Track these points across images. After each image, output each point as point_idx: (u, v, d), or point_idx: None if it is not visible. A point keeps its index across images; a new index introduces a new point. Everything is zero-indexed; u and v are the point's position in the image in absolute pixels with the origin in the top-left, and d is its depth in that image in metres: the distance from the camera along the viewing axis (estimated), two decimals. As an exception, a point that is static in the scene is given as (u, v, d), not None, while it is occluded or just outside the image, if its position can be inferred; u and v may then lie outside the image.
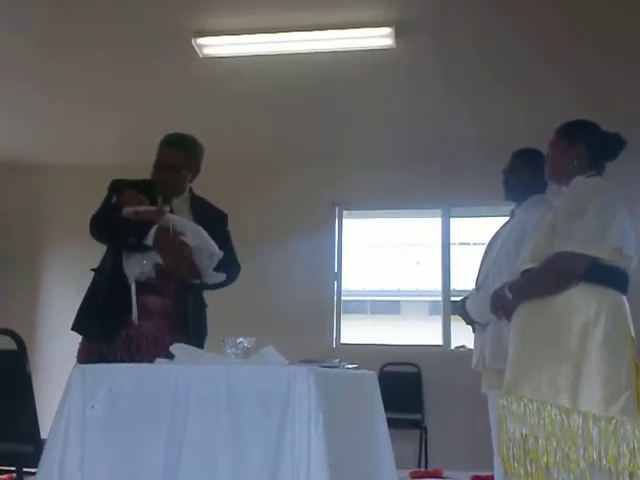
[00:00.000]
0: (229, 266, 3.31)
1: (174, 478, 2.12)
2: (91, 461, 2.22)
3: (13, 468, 3.14)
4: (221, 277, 3.24)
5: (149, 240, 3.07)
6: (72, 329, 3.22)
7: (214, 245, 3.17)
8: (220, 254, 3.19)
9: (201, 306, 3.38)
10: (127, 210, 3.12)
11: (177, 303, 3.23)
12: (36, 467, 2.33)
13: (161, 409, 2.20)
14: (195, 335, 3.21)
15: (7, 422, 3.01)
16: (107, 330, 3.11)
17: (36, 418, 2.94)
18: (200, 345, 3.12)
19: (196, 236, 3.15)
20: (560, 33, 4.48)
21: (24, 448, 2.96)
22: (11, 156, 6.93)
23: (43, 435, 2.66)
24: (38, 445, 2.77)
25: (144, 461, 2.18)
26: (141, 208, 3.13)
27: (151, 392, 2.25)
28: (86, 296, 3.27)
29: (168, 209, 3.20)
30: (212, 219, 3.38)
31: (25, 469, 3.05)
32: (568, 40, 4.57)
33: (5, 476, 4.55)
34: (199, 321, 3.33)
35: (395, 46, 4.59)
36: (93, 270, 3.31)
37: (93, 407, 2.26)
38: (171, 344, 2.57)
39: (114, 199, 3.23)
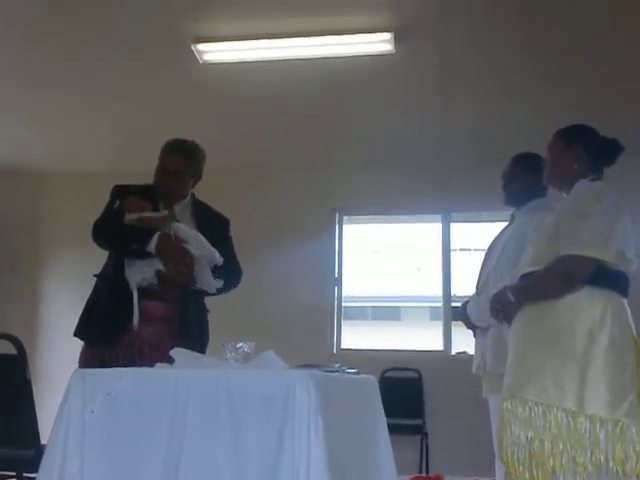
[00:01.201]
0: (231, 271, 3.31)
1: (174, 481, 2.11)
2: (91, 466, 2.21)
3: (13, 473, 3.13)
4: (219, 283, 3.24)
5: (151, 247, 3.07)
6: (74, 335, 3.22)
7: (215, 252, 3.18)
8: (221, 261, 3.19)
9: (203, 311, 3.38)
10: (130, 217, 3.13)
11: (179, 308, 3.23)
12: (36, 472, 2.33)
13: (160, 413, 2.20)
14: (197, 340, 3.21)
15: (7, 427, 3.01)
16: (108, 336, 3.11)
17: (36, 423, 2.94)
18: (202, 350, 3.12)
19: (198, 243, 3.16)
20: (560, 38, 4.49)
21: (24, 453, 2.96)
22: (12, 161, 6.94)
23: (43, 440, 2.65)
24: (38, 450, 2.77)
25: (144, 465, 2.18)
26: (144, 214, 3.14)
27: (151, 396, 2.24)
28: (88, 302, 3.27)
29: (171, 216, 3.21)
30: (214, 225, 3.39)
31: (25, 474, 3.04)
32: (568, 45, 4.57)
33: (5, 482, 4.54)
34: (201, 326, 3.33)
35: (394, 51, 4.60)
36: (95, 276, 3.32)
37: (92, 411, 2.26)
38: (172, 349, 2.57)
39: (117, 205, 3.23)
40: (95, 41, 4.61)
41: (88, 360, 3.12)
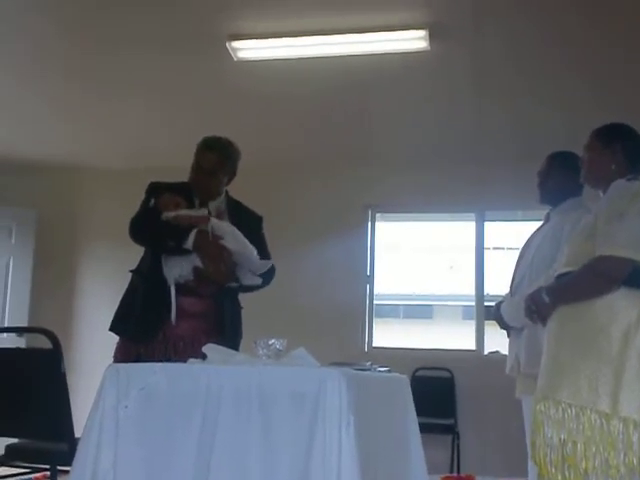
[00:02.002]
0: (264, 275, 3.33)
1: (206, 476, 2.13)
2: (124, 460, 2.24)
3: (47, 466, 3.17)
4: (257, 280, 3.27)
5: (189, 244, 3.10)
6: (110, 330, 3.25)
7: (252, 248, 3.20)
8: (257, 258, 3.21)
9: (237, 308, 3.40)
10: (167, 214, 3.15)
11: (214, 305, 3.25)
12: (70, 465, 2.36)
13: (193, 409, 2.22)
14: (230, 337, 3.22)
15: (42, 420, 3.04)
16: (145, 332, 3.14)
17: (70, 417, 2.96)
18: (235, 347, 3.14)
19: (235, 240, 3.18)
20: (593, 37, 4.44)
21: (58, 446, 2.99)
22: (49, 157, 7.02)
23: (77, 434, 2.68)
24: (72, 444, 2.79)
25: (176, 460, 2.19)
26: (182, 212, 3.17)
27: (183, 391, 2.26)
28: (124, 297, 3.30)
29: (208, 213, 3.23)
30: (248, 222, 3.40)
31: (59, 467, 3.08)
32: (604, 44, 4.52)
33: (39, 474, 4.59)
34: (235, 323, 3.35)
35: (429, 49, 4.58)
36: (131, 271, 3.35)
37: (126, 406, 2.28)
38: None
39: (152, 202, 3.26)
40: (130, 37, 4.65)
41: (123, 355, 3.15)
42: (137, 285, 3.28)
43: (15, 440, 3.25)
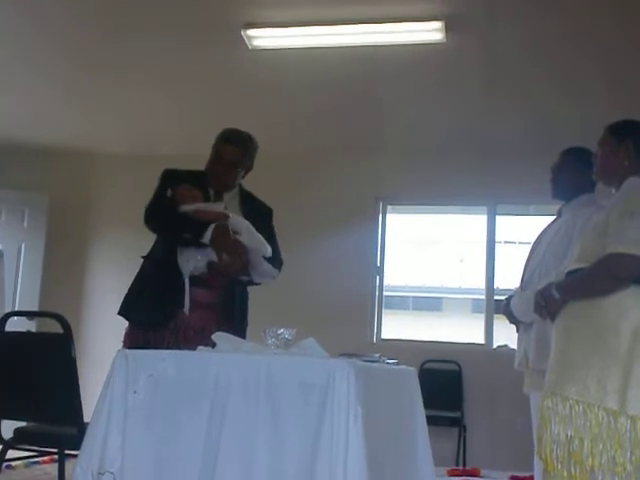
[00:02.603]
0: (273, 261, 3.34)
1: (213, 463, 2.14)
2: (132, 445, 2.25)
3: (55, 450, 3.20)
4: (268, 278, 3.29)
5: (206, 238, 3.11)
6: (119, 313, 3.26)
7: (267, 245, 3.21)
8: (270, 253, 3.23)
9: (245, 298, 3.42)
10: (186, 207, 3.17)
11: (224, 296, 3.27)
12: (78, 450, 2.37)
13: (201, 396, 2.23)
14: (238, 325, 3.25)
15: (51, 404, 3.07)
16: (156, 319, 3.16)
17: (80, 401, 2.99)
18: (242, 334, 3.16)
19: (250, 236, 3.19)
20: (610, 30, 4.40)
21: (67, 430, 3.02)
22: (63, 142, 7.06)
23: (86, 418, 2.70)
24: (81, 428, 2.81)
25: (184, 446, 2.21)
26: (201, 207, 3.18)
27: (192, 379, 2.27)
28: (134, 282, 3.31)
29: (225, 209, 3.24)
30: (259, 214, 3.41)
31: (67, 451, 3.11)
32: (619, 37, 4.48)
33: (47, 457, 4.64)
34: (243, 312, 3.38)
35: (445, 40, 4.56)
36: (143, 257, 3.36)
37: (135, 392, 2.30)
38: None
39: (169, 192, 3.27)
40: (145, 25, 4.65)
41: (132, 341, 3.17)
42: (149, 272, 3.30)
43: (24, 423, 3.28)
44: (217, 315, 3.22)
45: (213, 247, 3.12)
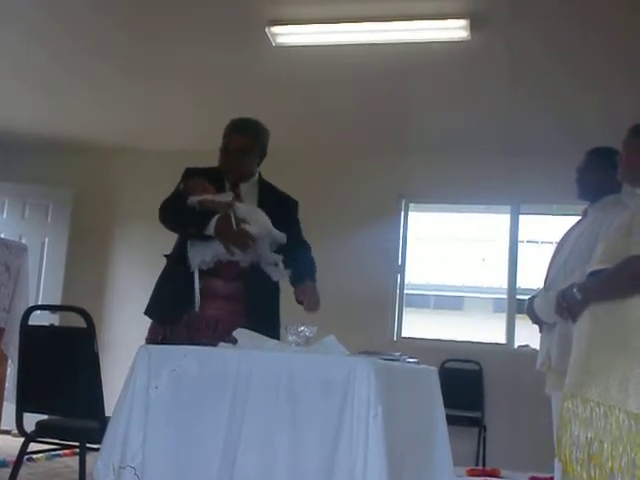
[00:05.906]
0: (301, 250, 3.33)
1: (233, 459, 2.15)
2: (153, 440, 2.27)
3: (77, 443, 3.22)
4: (284, 276, 3.26)
5: (210, 230, 3.10)
6: (144, 313, 3.29)
7: (276, 231, 3.19)
8: (284, 239, 3.21)
9: (274, 292, 3.36)
10: (192, 199, 3.17)
11: (241, 287, 3.23)
12: (99, 444, 2.39)
13: (222, 392, 2.24)
14: (265, 320, 3.16)
15: (73, 398, 3.09)
16: (169, 314, 3.17)
17: (102, 395, 3.01)
18: (270, 331, 2.94)
19: (259, 225, 3.16)
20: (633, 27, 4.34)
21: (88, 424, 3.05)
22: (86, 138, 7.10)
23: (108, 412, 2.72)
24: (102, 422, 2.84)
25: (204, 442, 2.22)
26: (207, 197, 3.17)
27: (213, 375, 2.28)
28: (157, 281, 3.34)
29: (232, 198, 3.23)
30: (279, 205, 3.38)
31: (88, 445, 3.13)
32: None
33: (68, 450, 4.67)
34: (270, 307, 3.33)
35: (470, 38, 4.54)
36: (165, 256, 3.37)
37: (157, 387, 2.31)
38: (233, 327, 2.60)
39: (181, 186, 3.29)
40: (170, 22, 4.66)
41: (152, 336, 3.20)
42: (168, 269, 3.32)
43: (45, 417, 3.31)
44: (238, 307, 3.18)
45: (218, 238, 3.11)
